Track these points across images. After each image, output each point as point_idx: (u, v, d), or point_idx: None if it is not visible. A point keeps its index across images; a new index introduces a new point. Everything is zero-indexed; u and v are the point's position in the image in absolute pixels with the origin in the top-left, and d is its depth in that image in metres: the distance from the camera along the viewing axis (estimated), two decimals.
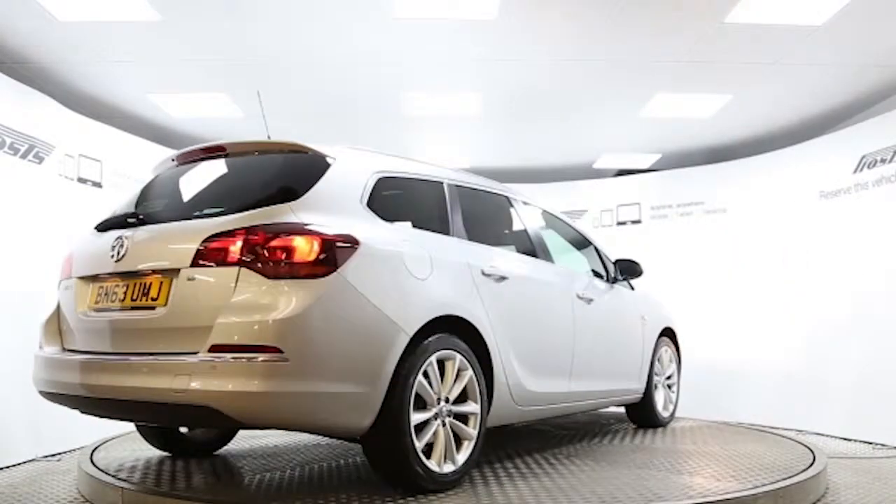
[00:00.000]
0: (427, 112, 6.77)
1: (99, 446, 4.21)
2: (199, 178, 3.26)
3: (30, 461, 4.51)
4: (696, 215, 7.89)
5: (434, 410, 2.95)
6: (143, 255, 2.84)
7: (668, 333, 5.27)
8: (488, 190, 4.03)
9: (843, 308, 6.00)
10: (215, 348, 2.51)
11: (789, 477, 3.34)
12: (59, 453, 4.74)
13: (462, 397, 3.11)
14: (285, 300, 2.54)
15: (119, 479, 3.28)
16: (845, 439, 5.50)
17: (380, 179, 3.18)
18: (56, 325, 3.21)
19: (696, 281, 7.43)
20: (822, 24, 4.87)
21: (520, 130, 7.59)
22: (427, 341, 2.91)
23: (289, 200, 2.78)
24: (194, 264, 2.65)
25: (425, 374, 2.90)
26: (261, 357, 2.47)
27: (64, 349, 3.10)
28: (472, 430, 3.10)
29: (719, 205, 7.67)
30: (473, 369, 3.14)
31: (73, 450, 4.72)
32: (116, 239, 2.94)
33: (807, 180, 6.63)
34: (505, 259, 3.67)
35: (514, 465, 3.62)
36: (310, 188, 2.87)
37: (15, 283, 4.60)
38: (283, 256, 2.60)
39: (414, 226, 3.28)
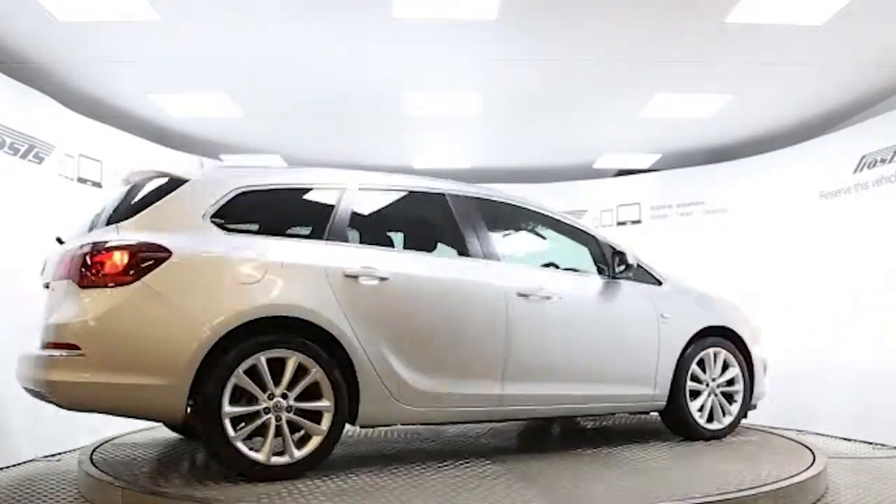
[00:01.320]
0: (427, 112, 6.76)
1: (99, 446, 4.22)
2: (108, 203, 3.70)
3: (30, 461, 4.51)
4: (696, 215, 7.88)
5: (264, 405, 3.17)
6: (48, 270, 3.59)
7: (723, 333, 4.66)
8: (416, 190, 4.02)
9: (843, 308, 6.00)
10: (46, 346, 3.17)
11: (789, 477, 3.34)
12: (59, 453, 4.74)
13: (318, 395, 3.29)
14: (87, 306, 3.07)
15: (119, 479, 3.28)
16: (845, 439, 5.50)
17: (239, 194, 3.47)
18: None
19: (696, 281, 7.41)
20: (822, 24, 4.87)
21: (520, 130, 7.59)
22: (250, 342, 3.16)
23: (124, 220, 3.27)
24: (56, 277, 3.38)
25: (252, 370, 3.15)
26: (64, 353, 3.03)
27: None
28: (321, 426, 3.27)
29: (719, 205, 7.67)
30: (324, 368, 3.28)
31: (73, 450, 4.72)
32: (45, 255, 3.73)
33: (807, 180, 6.63)
34: (393, 261, 3.69)
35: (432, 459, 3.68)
36: (145, 209, 3.31)
37: (14, 283, 4.60)
38: (93, 269, 3.10)
39: (274, 233, 3.54)
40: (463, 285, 3.82)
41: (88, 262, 3.11)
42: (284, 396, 3.22)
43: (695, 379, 4.52)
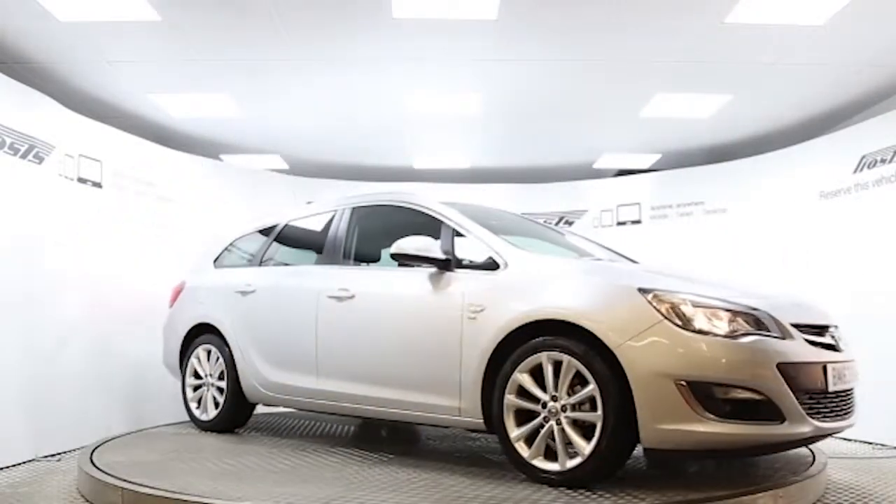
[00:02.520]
0: (427, 112, 6.77)
1: (99, 446, 4.23)
2: None
3: (30, 461, 4.51)
4: (696, 215, 7.87)
5: (203, 380, 4.96)
6: None
7: (567, 332, 3.12)
8: (316, 213, 4.75)
9: (843, 308, 5.97)
10: None
11: (789, 477, 3.34)
12: (59, 453, 4.74)
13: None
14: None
15: (119, 479, 3.28)
16: (845, 439, 5.50)
17: (231, 244, 5.33)
18: None
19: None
20: (822, 24, 4.87)
21: (520, 130, 7.59)
22: (195, 339, 5.04)
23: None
24: None
25: (198, 357, 5.01)
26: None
27: None
28: (223, 396, 4.79)
29: (719, 205, 7.66)
30: (223, 357, 4.78)
31: (73, 450, 4.73)
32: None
33: (807, 180, 6.63)
34: (261, 276, 4.79)
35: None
36: (196, 261, 5.49)
37: (15, 283, 4.60)
38: (171, 298, 5.45)
39: (240, 266, 5.11)
40: (294, 291, 4.43)
41: (172, 294, 5.44)
42: (211, 375, 4.91)
43: (527, 395, 3.22)
